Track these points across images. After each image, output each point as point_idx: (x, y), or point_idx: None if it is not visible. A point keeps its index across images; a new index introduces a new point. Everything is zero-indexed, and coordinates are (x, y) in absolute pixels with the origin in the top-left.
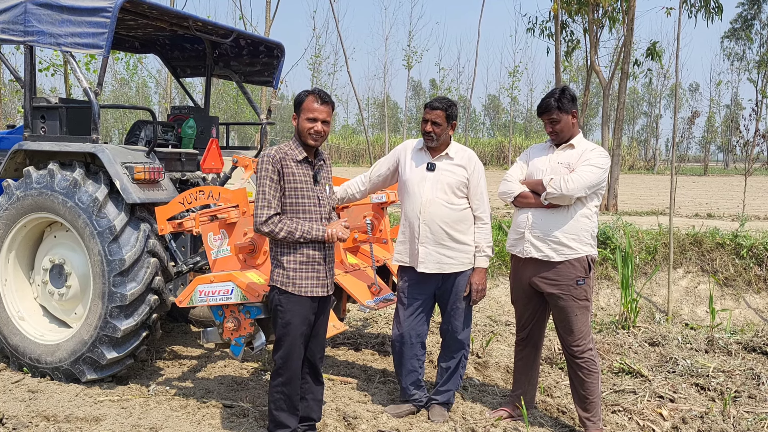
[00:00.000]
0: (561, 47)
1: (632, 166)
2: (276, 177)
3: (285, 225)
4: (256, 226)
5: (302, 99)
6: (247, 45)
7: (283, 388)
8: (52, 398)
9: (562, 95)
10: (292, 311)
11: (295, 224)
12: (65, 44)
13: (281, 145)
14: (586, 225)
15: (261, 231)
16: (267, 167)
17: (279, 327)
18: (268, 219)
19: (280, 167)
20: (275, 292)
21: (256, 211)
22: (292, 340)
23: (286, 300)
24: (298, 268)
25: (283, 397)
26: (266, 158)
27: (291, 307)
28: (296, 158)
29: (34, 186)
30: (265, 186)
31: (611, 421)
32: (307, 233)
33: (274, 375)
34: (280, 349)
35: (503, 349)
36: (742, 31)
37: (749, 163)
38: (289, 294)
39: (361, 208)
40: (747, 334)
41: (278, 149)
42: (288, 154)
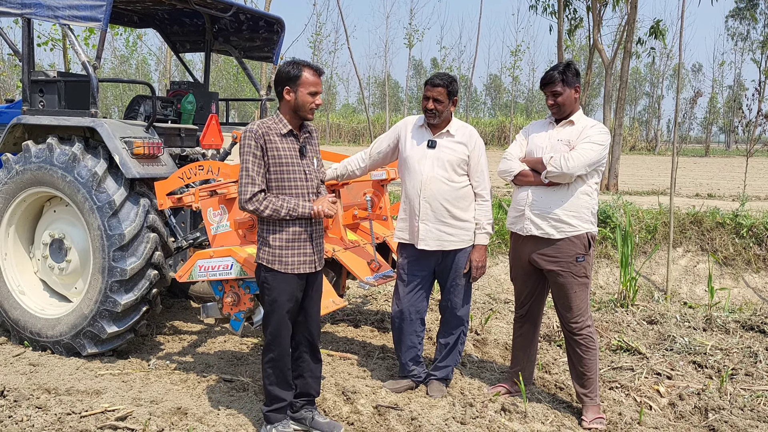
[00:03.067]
0: (564, 25)
1: (633, 146)
2: (259, 153)
3: (270, 202)
4: (241, 204)
5: (299, 73)
6: (247, 20)
7: (275, 364)
8: (53, 371)
9: (567, 69)
10: (279, 289)
11: (281, 201)
12: (63, 17)
13: (264, 120)
14: (587, 202)
15: (246, 209)
16: (249, 143)
17: (266, 304)
18: (253, 196)
19: (263, 142)
20: (261, 270)
21: (240, 189)
22: (279, 317)
23: (272, 278)
24: (284, 245)
25: (275, 372)
26: (248, 134)
27: (277, 285)
28: (280, 132)
29: (33, 160)
30: (248, 162)
31: (608, 397)
32: (293, 210)
33: (265, 351)
34: (269, 326)
35: (502, 326)
36: (746, 11)
37: (751, 143)
38: (275, 272)
39: (361, 185)
40: (745, 312)
41: (261, 124)
42: (271, 129)
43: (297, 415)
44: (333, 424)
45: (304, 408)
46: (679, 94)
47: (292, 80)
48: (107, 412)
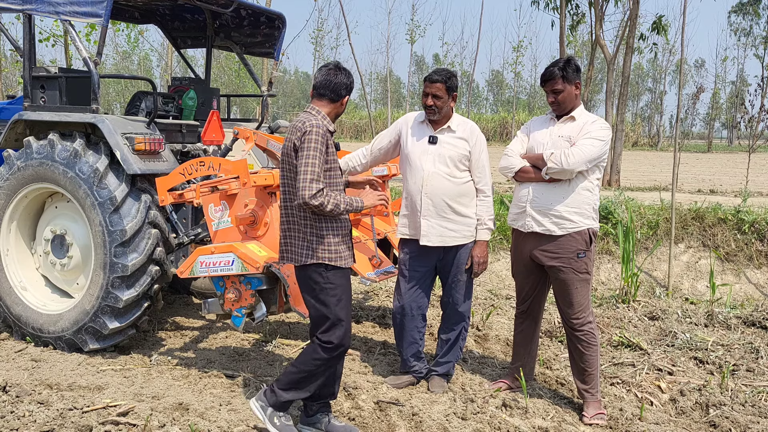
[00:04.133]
0: (566, 21)
1: (636, 142)
2: (323, 149)
3: (332, 197)
4: (304, 199)
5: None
6: (248, 15)
7: (329, 364)
8: (55, 367)
9: (567, 65)
10: (343, 286)
11: (339, 196)
12: (64, 13)
13: (316, 116)
14: (588, 198)
15: (309, 204)
16: (317, 138)
17: (333, 306)
18: (318, 192)
19: (326, 140)
20: (320, 270)
21: (304, 184)
22: (348, 315)
23: (334, 275)
24: (341, 240)
25: (323, 373)
26: (317, 129)
27: (341, 282)
28: (329, 129)
29: (35, 156)
30: (315, 158)
31: (610, 393)
32: (350, 205)
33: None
34: (339, 328)
35: (503, 322)
36: (749, 6)
37: (753, 139)
38: (338, 268)
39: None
40: (747, 308)
41: (321, 120)
42: (326, 126)
43: (313, 419)
44: (349, 427)
45: (321, 411)
46: (682, 90)
47: (351, 91)
48: (109, 407)
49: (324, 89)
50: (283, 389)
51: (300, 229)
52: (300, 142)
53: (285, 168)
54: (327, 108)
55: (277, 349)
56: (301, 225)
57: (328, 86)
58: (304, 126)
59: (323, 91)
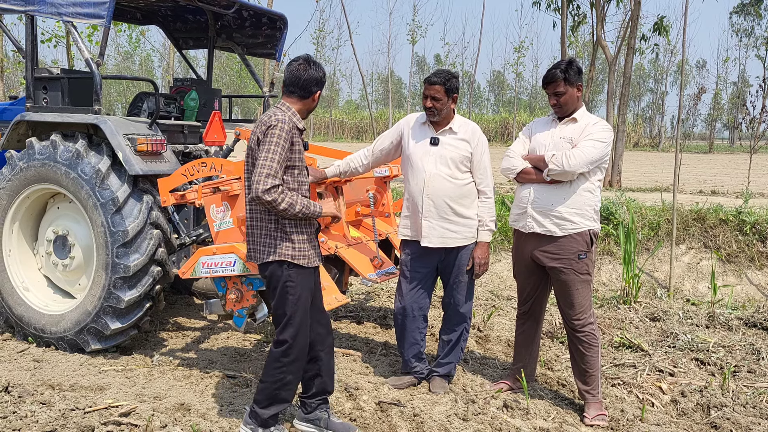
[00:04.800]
0: (567, 22)
1: (637, 143)
2: (287, 146)
3: (287, 196)
4: (257, 193)
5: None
6: (250, 16)
7: (292, 367)
8: (57, 367)
9: (569, 67)
10: (303, 284)
11: (296, 197)
12: (66, 14)
13: (286, 113)
14: (589, 199)
15: (262, 199)
16: (281, 134)
17: (290, 304)
18: (272, 188)
19: (292, 136)
20: (283, 267)
21: (259, 178)
22: (303, 315)
23: (296, 273)
24: (306, 239)
25: (291, 376)
26: (281, 124)
27: (302, 280)
28: (298, 126)
29: (37, 157)
30: (276, 153)
31: (611, 394)
32: (306, 208)
33: (283, 354)
34: (291, 327)
35: (504, 323)
36: (751, 7)
37: (755, 140)
38: (300, 267)
39: (363, 181)
40: (748, 309)
41: (290, 116)
42: (294, 123)
43: (311, 416)
44: (348, 425)
45: (319, 408)
46: (683, 91)
47: (322, 85)
48: (111, 407)
49: (293, 86)
50: (263, 407)
51: (264, 225)
52: (263, 135)
53: (249, 162)
54: (297, 105)
55: None
56: (266, 221)
57: (296, 83)
58: (270, 120)
59: (292, 88)
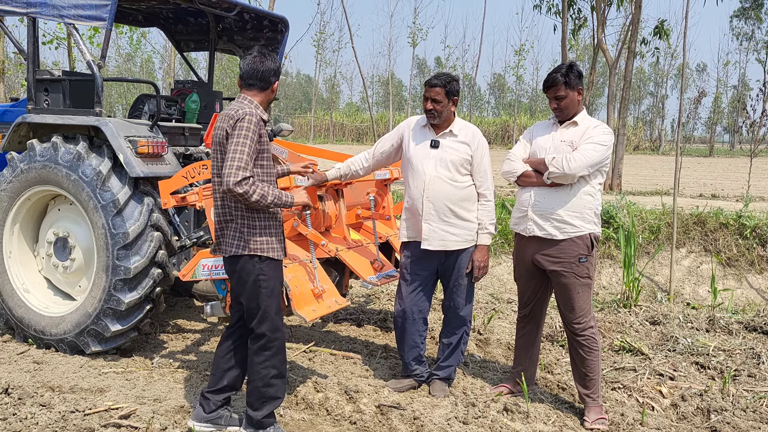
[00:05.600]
0: (568, 25)
1: (637, 146)
2: (256, 138)
3: (258, 187)
4: (229, 185)
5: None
6: (251, 19)
7: (275, 360)
8: (57, 369)
9: (570, 71)
10: (275, 278)
11: (267, 188)
12: (68, 16)
13: (251, 106)
14: (590, 203)
15: (234, 191)
16: (250, 127)
17: (264, 297)
18: (243, 180)
19: (259, 129)
20: (255, 261)
21: (230, 171)
22: (278, 306)
23: (268, 266)
24: (275, 233)
25: (276, 371)
26: (249, 117)
27: (274, 273)
28: (263, 118)
29: (38, 159)
30: (246, 146)
31: (611, 398)
32: (277, 198)
33: (262, 349)
34: (267, 320)
35: (504, 326)
36: (751, 11)
37: (755, 144)
38: (271, 260)
39: (364, 184)
40: (748, 313)
41: (255, 109)
42: (260, 115)
43: (213, 415)
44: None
45: (222, 407)
46: (683, 94)
47: (278, 75)
48: (111, 410)
49: (252, 79)
50: (256, 408)
51: (233, 219)
52: (232, 129)
53: (217, 158)
54: (258, 97)
55: None
56: (234, 215)
57: (255, 75)
58: (237, 114)
59: (251, 81)
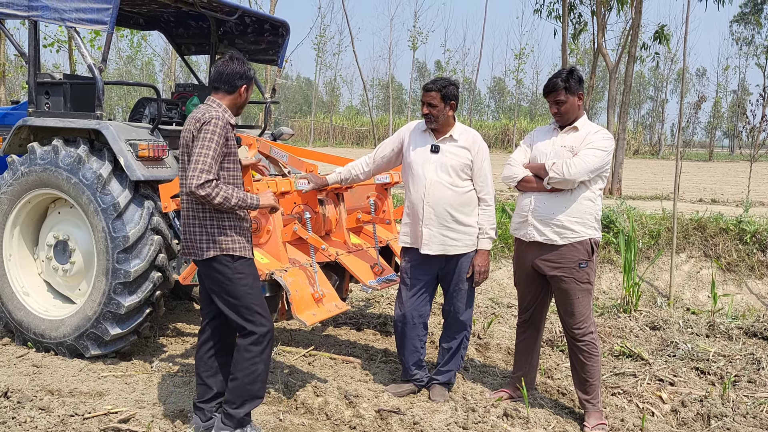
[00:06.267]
0: (568, 29)
1: (637, 150)
2: (222, 141)
3: (222, 190)
4: (191, 188)
5: (254, 74)
6: (252, 23)
7: (264, 355)
8: (57, 373)
9: (570, 76)
10: (252, 274)
11: (231, 190)
12: (69, 19)
13: (219, 109)
14: (590, 208)
15: (196, 194)
16: (215, 130)
17: (245, 294)
18: (206, 182)
19: (226, 132)
20: (227, 261)
21: (193, 173)
22: (261, 301)
23: (242, 265)
24: (242, 232)
25: (263, 366)
26: (215, 120)
27: (251, 271)
28: (230, 122)
29: (39, 162)
30: (210, 149)
31: (611, 403)
32: (242, 201)
33: (254, 343)
34: (255, 316)
35: (504, 330)
36: (751, 16)
37: (755, 148)
38: (245, 258)
39: (364, 188)
40: (748, 319)
41: (223, 112)
42: (227, 119)
43: (211, 423)
44: None
45: (218, 412)
46: (683, 99)
47: (249, 80)
48: (110, 414)
49: (218, 82)
50: (237, 407)
51: (200, 221)
52: (198, 132)
53: (184, 160)
54: (225, 100)
55: (279, 356)
56: (202, 217)
57: (220, 78)
58: (204, 117)
59: (217, 84)
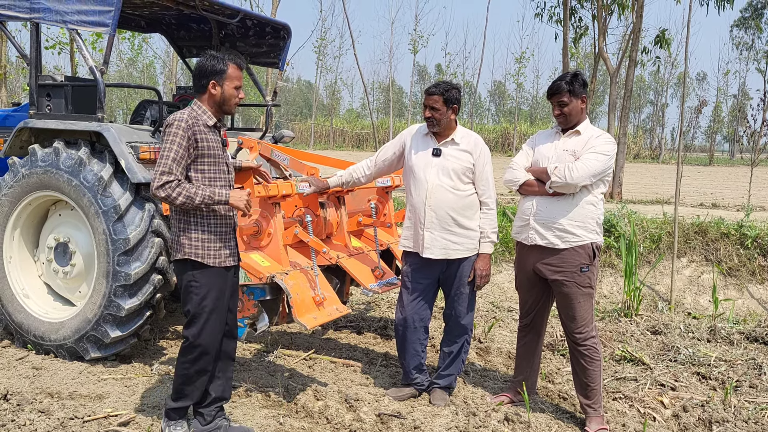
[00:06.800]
0: (569, 33)
1: (637, 154)
2: (185, 143)
3: (183, 189)
4: (152, 190)
5: (225, 67)
6: (254, 26)
7: (195, 365)
8: (56, 375)
9: (574, 79)
10: (209, 285)
11: (194, 188)
12: (71, 22)
13: (189, 110)
14: (592, 212)
15: (157, 196)
16: (177, 131)
17: (193, 303)
18: (166, 183)
19: (192, 133)
20: (187, 266)
21: (154, 176)
22: (208, 317)
23: (201, 273)
24: (213, 238)
25: (194, 374)
26: (177, 122)
27: (207, 281)
28: (207, 124)
29: (40, 164)
30: (171, 151)
31: (612, 408)
32: (208, 198)
33: (185, 351)
34: (193, 326)
35: (505, 334)
36: (751, 20)
37: (755, 153)
38: (205, 266)
39: (365, 191)
40: (749, 324)
41: (189, 114)
42: (199, 120)
43: (211, 426)
44: (245, 429)
45: (218, 417)
46: (684, 104)
47: (219, 74)
48: (110, 417)
49: (194, 83)
50: (173, 399)
51: (175, 222)
52: (162, 134)
53: None
54: (202, 100)
55: (279, 359)
56: (176, 219)
57: (193, 79)
58: (169, 119)
59: (194, 85)
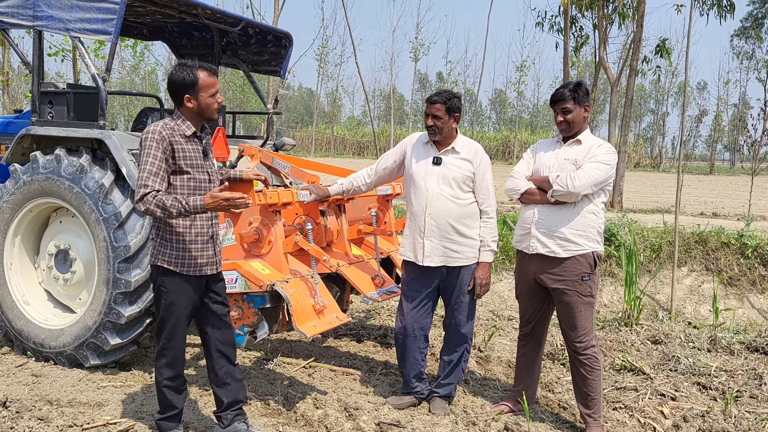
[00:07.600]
0: (570, 42)
1: (638, 163)
2: (160, 155)
3: (160, 202)
4: (135, 204)
5: (195, 78)
6: (256, 34)
7: (166, 371)
8: (56, 383)
9: (578, 87)
10: (177, 292)
11: (169, 199)
12: (74, 29)
13: (166, 121)
14: (593, 221)
15: (138, 209)
16: (151, 144)
17: (162, 308)
18: (143, 197)
19: (167, 144)
20: (159, 272)
21: (137, 190)
22: (176, 322)
23: (170, 281)
24: (187, 246)
25: (169, 378)
26: (151, 135)
27: (176, 288)
28: (185, 134)
29: (41, 171)
30: (147, 164)
31: (612, 417)
32: (184, 207)
33: (159, 355)
34: (164, 330)
35: (505, 343)
36: (752, 30)
37: (756, 162)
38: (175, 274)
39: (366, 199)
40: (750, 334)
41: (164, 125)
42: (175, 131)
43: (230, 429)
44: None
45: (236, 419)
46: (685, 113)
47: (191, 87)
48: (109, 424)
49: (170, 97)
50: (159, 411)
51: (153, 230)
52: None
53: None
54: (182, 111)
55: (279, 367)
56: (154, 225)
57: (169, 93)
58: (144, 132)
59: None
